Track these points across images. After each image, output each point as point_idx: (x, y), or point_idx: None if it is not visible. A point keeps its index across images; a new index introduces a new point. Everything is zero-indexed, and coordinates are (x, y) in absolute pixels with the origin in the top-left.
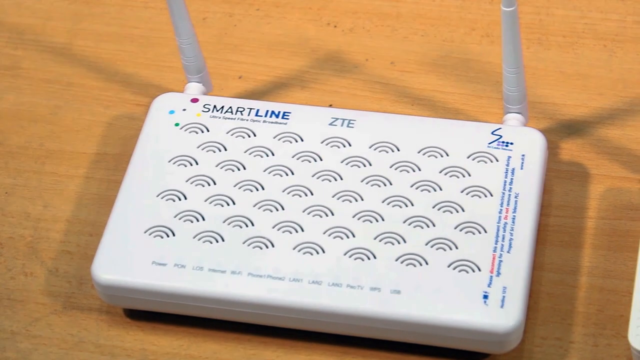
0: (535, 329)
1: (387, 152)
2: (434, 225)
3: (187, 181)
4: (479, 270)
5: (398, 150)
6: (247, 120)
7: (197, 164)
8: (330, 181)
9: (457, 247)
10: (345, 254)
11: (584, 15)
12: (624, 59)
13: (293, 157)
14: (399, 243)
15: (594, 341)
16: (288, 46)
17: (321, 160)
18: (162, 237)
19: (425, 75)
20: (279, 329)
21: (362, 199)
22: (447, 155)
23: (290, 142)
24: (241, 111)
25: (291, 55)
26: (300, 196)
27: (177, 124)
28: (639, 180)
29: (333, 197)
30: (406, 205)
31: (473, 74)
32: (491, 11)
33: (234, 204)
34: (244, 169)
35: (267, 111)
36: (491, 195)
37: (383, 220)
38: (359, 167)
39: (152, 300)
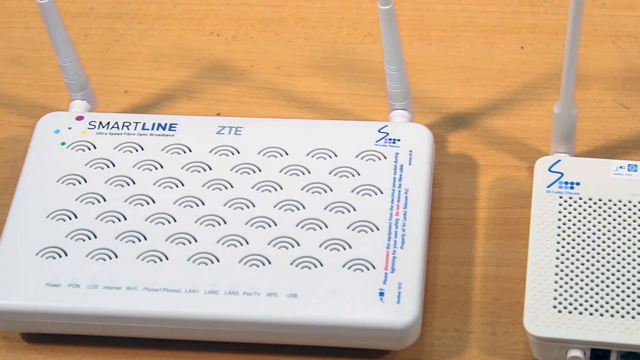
0: (434, 322)
1: (275, 157)
2: (326, 227)
3: (76, 200)
4: (374, 268)
5: (287, 154)
6: (134, 134)
7: (85, 182)
8: (220, 190)
9: (350, 247)
10: (240, 262)
11: (463, 9)
12: (505, 50)
13: (182, 168)
14: (292, 247)
15: (492, 330)
16: (172, 58)
17: (210, 169)
18: (54, 258)
19: (311, 78)
20: (180, 341)
21: (254, 205)
22: (336, 156)
23: (179, 154)
24: (127, 126)
25: (176, 67)
26: (192, 207)
27: (63, 143)
28: (526, 168)
29: (224, 205)
30: (298, 209)
31: (358, 74)
32: (372, 10)
33: (125, 219)
34: (134, 183)
35: (154, 124)
36: (381, 192)
37: (276, 225)
38: (249, 173)
39: (49, 323)
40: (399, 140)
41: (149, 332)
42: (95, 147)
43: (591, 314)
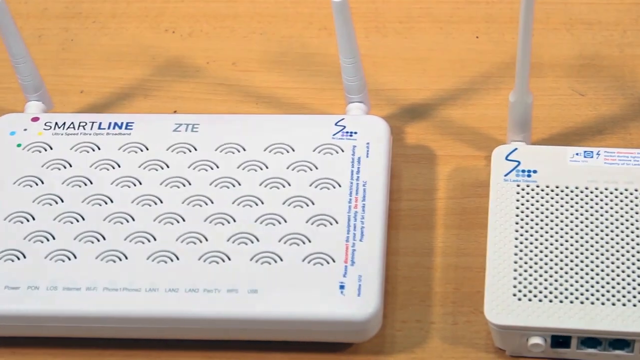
0: (395, 313)
1: (233, 153)
2: (285, 222)
3: (34, 201)
4: (334, 261)
5: (244, 150)
6: (90, 134)
7: (42, 183)
8: (178, 187)
9: (310, 241)
10: (199, 259)
11: (418, 0)
12: (460, 40)
13: (139, 167)
14: (252, 242)
15: (453, 319)
16: (128, 56)
17: (168, 167)
18: (12, 261)
19: (268, 73)
20: (142, 340)
21: (212, 202)
22: (293, 150)
23: (136, 152)
24: (83, 126)
25: (132, 65)
26: (150, 205)
27: (19, 145)
28: (484, 157)
29: (183, 203)
30: (256, 204)
31: (314, 68)
32: (327, 3)
33: (83, 219)
34: (91, 183)
35: (110, 123)
36: (339, 186)
37: (235, 221)
38: (207, 170)
39: (8, 326)
40: (356, 133)
41: (110, 332)
42: (51, 148)
43: (551, 301)
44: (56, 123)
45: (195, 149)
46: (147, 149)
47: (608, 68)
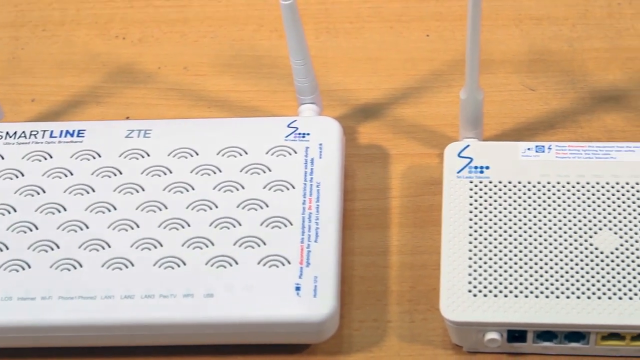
0: (352, 313)
1: (186, 157)
2: (240, 225)
3: None
4: (289, 263)
5: (197, 154)
6: (42, 142)
7: None
8: (132, 194)
9: (265, 243)
10: (154, 265)
11: (368, 0)
12: (410, 39)
13: (92, 174)
14: (207, 247)
15: (410, 318)
16: (78, 63)
17: (121, 174)
18: None
19: (219, 77)
20: (101, 348)
21: (166, 207)
22: (246, 153)
23: (88, 160)
24: (35, 134)
25: (82, 72)
26: (104, 212)
27: None
28: (437, 155)
29: (137, 209)
30: (210, 208)
31: (266, 70)
32: (277, 6)
33: (37, 229)
34: (44, 192)
35: (62, 131)
36: (293, 187)
37: (189, 226)
38: (160, 175)
39: None
40: (308, 134)
41: (67, 341)
42: (2, 158)
43: (506, 296)
44: (7, 132)
45: (148, 155)
46: (100, 156)
47: (558, 63)
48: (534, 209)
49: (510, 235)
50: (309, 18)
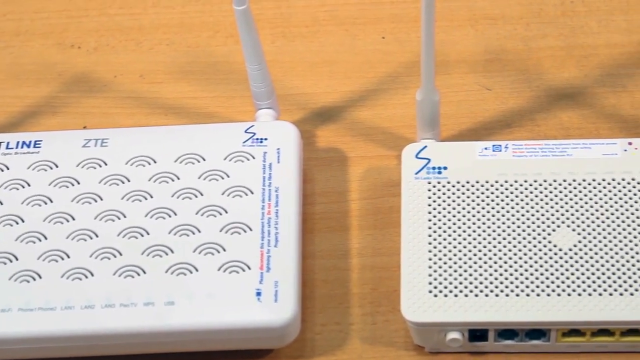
0: (314, 317)
1: (144, 165)
2: (199, 232)
3: None
4: (249, 268)
5: (154, 162)
6: None
7: None
8: (90, 203)
9: (224, 250)
10: (114, 274)
11: (323, 3)
12: (366, 41)
13: (50, 184)
14: (166, 254)
15: (372, 320)
16: (34, 74)
17: (79, 183)
18: None
19: (175, 84)
20: (59, 359)
21: (125, 216)
22: (204, 160)
23: (45, 170)
24: None
25: (38, 82)
26: (62, 223)
27: None
28: (395, 157)
29: (95, 218)
30: (169, 216)
31: (222, 76)
32: (231, 12)
33: None
34: (1, 204)
35: (18, 142)
36: (252, 193)
37: (148, 234)
38: (118, 184)
39: None
40: (266, 139)
41: (27, 353)
42: None
43: (466, 296)
44: None
45: (106, 164)
46: (57, 166)
47: (513, 62)
48: (492, 208)
49: (469, 235)
50: (264, 23)
